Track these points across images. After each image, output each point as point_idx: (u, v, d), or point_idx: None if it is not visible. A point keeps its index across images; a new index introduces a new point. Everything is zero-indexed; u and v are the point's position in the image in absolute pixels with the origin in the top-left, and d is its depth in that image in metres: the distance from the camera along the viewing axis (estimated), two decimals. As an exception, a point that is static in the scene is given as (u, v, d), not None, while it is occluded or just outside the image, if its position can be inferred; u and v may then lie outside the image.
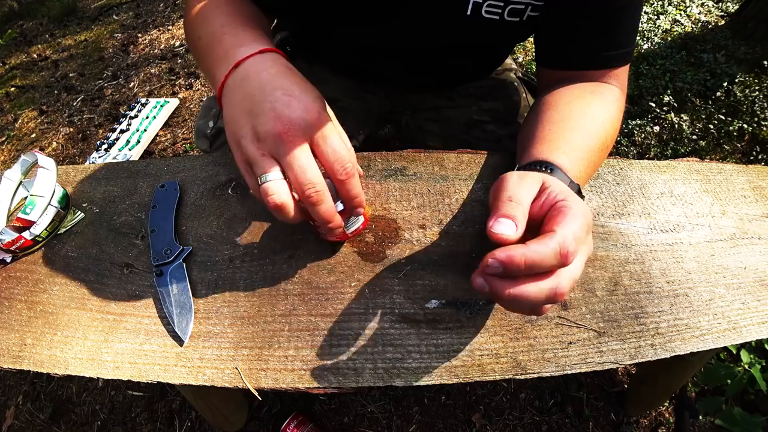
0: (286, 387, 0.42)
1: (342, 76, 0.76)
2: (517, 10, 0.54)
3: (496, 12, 0.54)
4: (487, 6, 0.54)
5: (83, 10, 2.68)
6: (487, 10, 0.54)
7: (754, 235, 0.53)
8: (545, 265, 0.33)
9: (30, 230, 0.50)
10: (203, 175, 0.58)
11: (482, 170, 0.57)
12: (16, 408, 1.08)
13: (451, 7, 0.54)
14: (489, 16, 0.55)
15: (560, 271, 0.35)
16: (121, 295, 0.48)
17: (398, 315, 0.45)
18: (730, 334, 0.45)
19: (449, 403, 1.02)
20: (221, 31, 0.47)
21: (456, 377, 0.42)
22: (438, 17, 0.57)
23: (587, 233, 0.37)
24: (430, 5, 0.55)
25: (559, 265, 0.34)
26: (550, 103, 0.54)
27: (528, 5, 0.54)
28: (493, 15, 0.54)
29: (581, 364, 0.43)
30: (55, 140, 1.81)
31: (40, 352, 0.45)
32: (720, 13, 1.90)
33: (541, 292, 0.34)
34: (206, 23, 0.50)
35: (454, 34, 0.59)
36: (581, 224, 0.35)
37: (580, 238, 0.35)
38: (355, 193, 0.42)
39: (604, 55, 0.55)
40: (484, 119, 0.75)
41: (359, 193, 0.42)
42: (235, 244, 0.51)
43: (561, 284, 0.34)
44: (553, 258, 0.33)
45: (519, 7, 0.54)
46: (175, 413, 1.04)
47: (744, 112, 1.46)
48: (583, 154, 0.49)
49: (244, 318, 0.46)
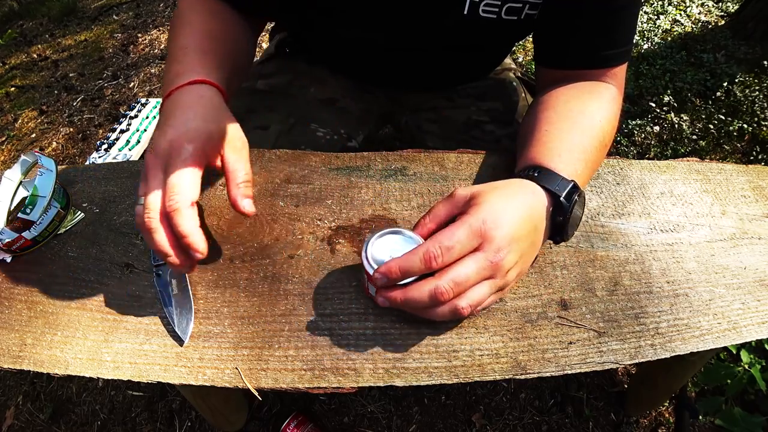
0: (286, 387, 0.42)
1: (341, 76, 0.76)
2: (515, 9, 0.54)
3: (494, 11, 0.54)
4: (485, 5, 0.54)
5: (83, 10, 2.68)
6: (484, 9, 0.54)
7: (754, 235, 0.53)
8: (415, 269, 0.39)
9: (30, 230, 0.50)
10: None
11: (482, 170, 0.57)
12: (16, 408, 1.08)
13: (448, 7, 0.54)
14: (486, 15, 0.55)
15: (441, 273, 0.39)
16: (121, 295, 0.48)
17: (398, 315, 0.45)
18: (730, 334, 0.45)
19: (449, 403, 1.02)
20: (180, 52, 0.51)
21: (456, 377, 0.42)
22: (435, 17, 0.56)
23: (482, 239, 0.40)
24: (427, 6, 0.55)
25: (425, 269, 0.39)
26: (548, 103, 0.54)
27: (526, 3, 0.54)
28: (491, 14, 0.54)
29: (581, 364, 0.43)
30: (55, 140, 1.81)
31: (40, 352, 0.45)
32: (720, 13, 1.90)
33: (423, 293, 0.39)
34: (175, 38, 0.53)
35: (452, 34, 0.59)
36: (463, 232, 0.39)
37: (455, 244, 0.39)
38: (180, 231, 0.41)
39: (602, 55, 0.55)
40: (483, 119, 0.75)
41: (185, 232, 0.41)
42: (235, 244, 0.51)
43: (439, 285, 0.38)
44: (420, 263, 0.39)
45: (517, 6, 0.54)
46: (175, 413, 1.03)
47: (744, 112, 1.46)
48: (581, 154, 0.49)
49: (244, 318, 0.46)
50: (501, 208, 0.41)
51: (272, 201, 0.55)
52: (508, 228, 0.40)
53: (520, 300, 0.47)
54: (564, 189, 0.45)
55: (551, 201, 0.45)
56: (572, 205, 0.45)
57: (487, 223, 0.39)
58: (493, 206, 0.41)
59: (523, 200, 0.43)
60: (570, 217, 0.45)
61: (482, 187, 0.44)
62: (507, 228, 0.40)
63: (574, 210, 0.45)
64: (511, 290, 0.47)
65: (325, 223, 0.53)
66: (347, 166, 0.58)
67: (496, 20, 0.55)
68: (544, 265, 0.49)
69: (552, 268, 0.49)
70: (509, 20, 0.55)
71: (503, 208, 0.41)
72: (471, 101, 0.77)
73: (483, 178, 0.56)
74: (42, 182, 0.51)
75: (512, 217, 0.41)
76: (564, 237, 0.47)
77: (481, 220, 0.40)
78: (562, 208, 0.44)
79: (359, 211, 0.53)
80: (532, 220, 0.43)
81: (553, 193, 0.45)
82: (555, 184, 0.45)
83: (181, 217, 0.41)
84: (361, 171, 0.57)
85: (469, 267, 0.39)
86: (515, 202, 0.42)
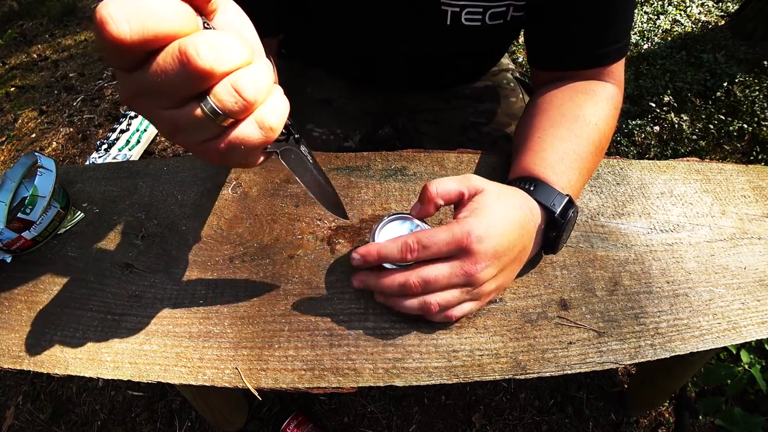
0: (286, 387, 0.42)
1: (337, 77, 0.76)
2: (499, 13, 0.53)
3: (477, 18, 0.53)
4: (466, 14, 0.53)
5: (83, 10, 2.68)
6: (466, 18, 0.53)
7: (754, 235, 0.53)
8: (391, 257, 0.41)
9: (30, 230, 0.50)
10: (203, 175, 0.58)
11: (482, 170, 0.57)
12: (16, 408, 1.08)
13: (430, 18, 0.54)
14: (470, 24, 0.54)
15: (415, 268, 0.41)
16: (121, 295, 0.48)
17: (398, 315, 0.45)
18: (730, 334, 0.45)
19: (449, 403, 1.02)
20: None
21: (456, 377, 0.42)
22: (418, 28, 0.56)
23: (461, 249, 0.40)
24: (408, 17, 0.55)
25: (400, 259, 0.41)
26: (542, 107, 0.54)
27: (509, 6, 0.53)
28: (474, 22, 0.54)
29: (581, 364, 0.43)
30: (55, 140, 1.81)
31: (40, 352, 0.45)
32: (720, 13, 1.90)
33: (393, 281, 0.41)
34: None
35: (439, 43, 0.58)
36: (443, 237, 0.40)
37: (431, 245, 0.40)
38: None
39: (597, 53, 0.54)
40: (480, 121, 0.75)
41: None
42: (235, 244, 0.51)
43: (409, 278, 0.40)
44: (396, 252, 0.41)
45: (499, 10, 0.53)
46: (175, 413, 1.04)
47: (744, 112, 1.46)
48: (575, 162, 0.48)
49: (244, 318, 0.46)
50: (490, 222, 0.41)
51: (272, 201, 0.55)
52: (493, 243, 0.41)
53: (520, 300, 0.47)
54: (559, 205, 0.45)
55: (545, 218, 0.45)
56: (566, 222, 0.45)
57: (470, 237, 0.40)
58: (486, 218, 0.41)
59: (516, 217, 0.43)
60: (562, 235, 0.45)
61: (492, 188, 0.44)
62: (492, 243, 0.40)
63: (567, 226, 0.45)
64: (497, 297, 0.47)
65: (325, 223, 0.53)
66: (347, 166, 0.58)
67: (481, 27, 0.54)
68: (544, 265, 0.49)
69: (552, 268, 0.49)
70: (495, 25, 0.54)
71: (493, 222, 0.41)
72: (468, 103, 0.77)
73: (483, 178, 0.56)
74: (42, 182, 0.51)
75: (502, 232, 0.41)
76: (554, 251, 0.47)
77: (467, 231, 0.40)
78: (556, 224, 0.45)
79: (359, 211, 0.54)
80: (522, 239, 0.43)
81: (548, 209, 0.45)
82: (551, 200, 0.45)
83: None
84: (361, 171, 0.57)
85: (440, 270, 0.40)
86: (509, 218, 0.42)
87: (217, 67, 0.24)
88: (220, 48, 0.24)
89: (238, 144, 0.28)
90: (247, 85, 0.26)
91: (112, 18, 0.22)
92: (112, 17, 0.22)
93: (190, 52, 0.24)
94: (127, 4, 0.22)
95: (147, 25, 0.23)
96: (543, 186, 0.46)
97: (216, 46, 0.24)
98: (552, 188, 0.46)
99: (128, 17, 0.22)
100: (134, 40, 0.23)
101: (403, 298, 0.42)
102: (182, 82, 0.25)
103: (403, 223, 0.46)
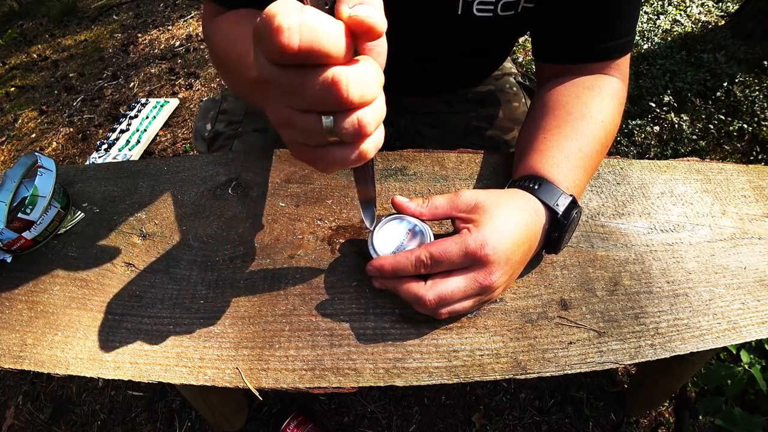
0: (286, 387, 0.42)
1: None
2: (511, 3, 0.53)
3: (489, 9, 0.53)
4: (478, 4, 0.53)
5: (83, 10, 2.68)
6: (478, 8, 0.53)
7: (754, 235, 0.53)
8: (406, 270, 0.42)
9: (30, 230, 0.50)
10: (203, 175, 0.58)
11: (482, 170, 0.57)
12: (16, 408, 1.08)
13: (441, 7, 0.54)
14: (481, 14, 0.54)
15: (432, 283, 0.41)
16: (121, 295, 0.48)
17: (399, 315, 0.45)
18: (730, 334, 0.45)
19: (449, 403, 1.02)
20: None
21: (456, 377, 0.42)
22: (429, 19, 0.56)
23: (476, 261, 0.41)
24: (419, 8, 0.55)
25: (414, 272, 0.42)
26: (547, 105, 0.54)
27: None
28: (486, 13, 0.53)
29: (581, 364, 0.43)
30: (55, 140, 1.81)
31: (40, 352, 0.45)
32: (720, 13, 1.90)
33: (409, 294, 0.42)
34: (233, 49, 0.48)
35: (448, 35, 0.58)
36: (457, 252, 0.40)
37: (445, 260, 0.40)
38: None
39: (604, 47, 0.53)
40: (482, 125, 0.75)
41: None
42: (235, 244, 0.51)
43: (426, 295, 0.41)
44: (410, 267, 0.41)
45: (511, 0, 0.52)
46: (175, 413, 1.04)
47: (744, 112, 1.46)
48: (580, 161, 0.48)
49: (244, 318, 0.46)
50: (502, 229, 0.41)
51: (272, 201, 0.55)
52: (505, 251, 0.41)
53: (520, 300, 0.47)
54: (563, 206, 0.45)
55: (549, 218, 0.45)
56: (569, 223, 0.45)
57: (485, 248, 0.40)
58: (495, 227, 0.41)
59: (524, 220, 0.43)
60: (565, 235, 0.45)
61: (487, 197, 0.44)
62: (504, 251, 0.41)
63: (570, 227, 0.46)
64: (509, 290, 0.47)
65: (325, 223, 0.53)
66: (347, 166, 0.58)
67: (493, 18, 0.54)
68: (545, 265, 0.49)
69: (552, 268, 0.49)
70: (506, 16, 0.54)
71: (504, 229, 0.41)
72: (470, 107, 0.76)
73: (483, 178, 0.56)
74: (42, 182, 0.51)
75: (512, 239, 0.41)
76: (556, 251, 0.48)
77: (480, 243, 0.40)
78: (559, 225, 0.45)
79: (359, 211, 0.54)
80: (529, 241, 0.43)
81: (551, 209, 0.45)
82: (554, 200, 0.45)
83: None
84: (362, 171, 0.57)
85: (456, 285, 0.41)
86: (516, 221, 0.42)
87: (358, 103, 0.26)
88: (365, 88, 0.26)
89: (334, 161, 0.30)
90: (370, 122, 0.28)
91: (290, 31, 0.23)
92: (290, 30, 0.23)
93: (341, 86, 0.25)
94: (300, 18, 0.24)
95: (313, 45, 0.24)
96: (548, 185, 0.46)
97: (363, 84, 0.26)
98: (556, 188, 0.46)
99: (301, 32, 0.24)
100: (296, 53, 0.24)
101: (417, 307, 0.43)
102: (320, 100, 0.26)
103: (400, 223, 0.46)
